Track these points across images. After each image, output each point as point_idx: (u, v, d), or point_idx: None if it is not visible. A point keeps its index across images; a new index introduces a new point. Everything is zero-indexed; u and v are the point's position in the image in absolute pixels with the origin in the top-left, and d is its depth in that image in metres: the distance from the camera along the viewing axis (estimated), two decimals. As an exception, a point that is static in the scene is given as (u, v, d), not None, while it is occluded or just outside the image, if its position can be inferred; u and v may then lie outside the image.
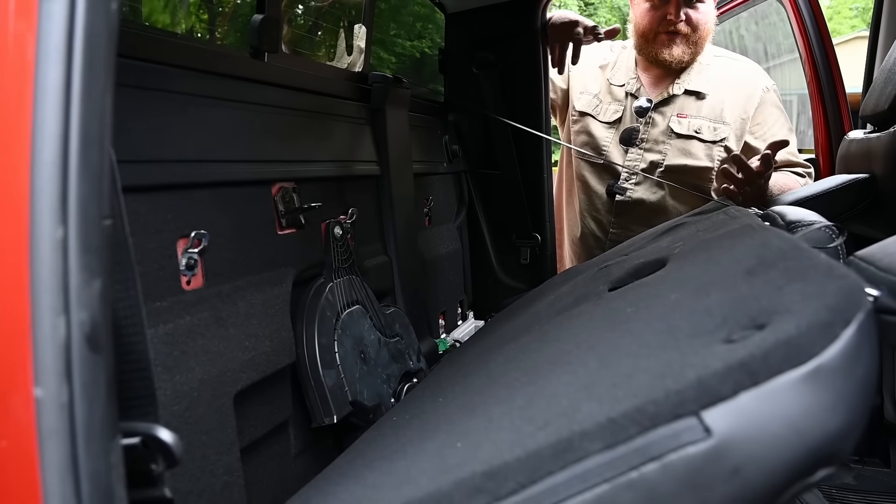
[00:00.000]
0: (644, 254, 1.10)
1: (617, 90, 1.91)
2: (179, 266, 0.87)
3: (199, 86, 0.93)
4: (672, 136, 1.81)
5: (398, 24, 8.60)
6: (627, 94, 1.88)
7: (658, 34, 1.78)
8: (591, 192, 1.93)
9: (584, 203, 1.97)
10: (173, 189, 0.86)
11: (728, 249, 0.79)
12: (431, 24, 9.01)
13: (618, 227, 1.90)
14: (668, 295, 0.74)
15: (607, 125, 1.90)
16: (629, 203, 1.86)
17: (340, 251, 1.26)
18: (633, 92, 1.88)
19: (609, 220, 1.91)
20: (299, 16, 3.79)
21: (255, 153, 1.03)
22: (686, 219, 1.37)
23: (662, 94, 1.84)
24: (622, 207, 1.87)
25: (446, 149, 1.91)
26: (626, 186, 1.86)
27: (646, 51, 1.84)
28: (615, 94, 1.91)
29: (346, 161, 1.33)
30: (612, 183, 1.88)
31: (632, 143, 1.85)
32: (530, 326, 1.08)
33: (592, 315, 0.86)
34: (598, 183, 1.93)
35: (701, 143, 1.78)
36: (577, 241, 2.01)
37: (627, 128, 1.86)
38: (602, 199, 1.92)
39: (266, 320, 0.99)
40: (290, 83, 1.17)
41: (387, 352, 1.33)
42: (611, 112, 1.91)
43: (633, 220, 1.87)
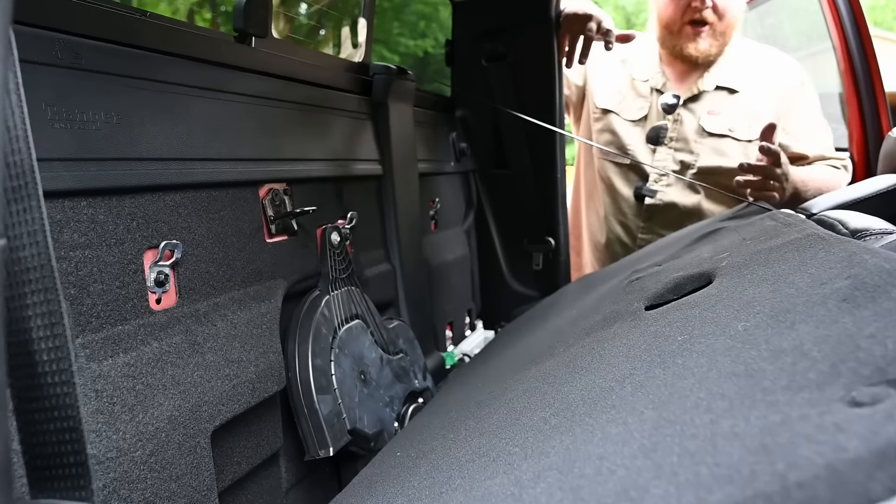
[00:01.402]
0: (681, 265, 0.97)
1: (641, 85, 1.78)
2: (147, 282, 0.75)
3: (172, 72, 0.81)
4: (704, 134, 1.68)
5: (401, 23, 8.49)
6: (652, 89, 1.75)
7: (683, 25, 1.65)
8: (617, 195, 1.80)
9: (610, 207, 1.84)
10: (139, 192, 0.74)
11: (799, 266, 0.66)
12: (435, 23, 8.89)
13: (647, 232, 1.77)
14: (731, 322, 0.61)
15: (632, 123, 1.77)
16: (659, 206, 1.73)
17: (338, 260, 1.13)
18: (658, 87, 1.75)
19: (637, 225, 1.78)
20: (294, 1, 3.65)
21: (239, 150, 0.91)
22: (723, 223, 1.24)
23: (691, 89, 1.70)
24: (652, 211, 1.74)
25: (453, 147, 1.78)
26: (656, 188, 1.72)
27: (669, 44, 1.70)
28: (639, 90, 1.78)
29: (344, 160, 1.20)
30: (640, 185, 1.75)
31: (660, 143, 1.72)
32: (552, 347, 0.95)
33: (631, 340, 0.73)
34: (624, 185, 1.79)
35: (735, 142, 1.65)
36: (602, 247, 1.88)
37: (655, 126, 1.73)
38: (629, 203, 1.79)
39: (251, 342, 0.87)
40: (281, 72, 1.04)
41: (389, 371, 1.20)
42: (635, 109, 1.78)
43: (663, 224, 1.74)
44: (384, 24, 8.30)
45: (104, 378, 0.65)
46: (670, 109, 1.69)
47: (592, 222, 1.92)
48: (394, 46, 8.60)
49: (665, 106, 1.70)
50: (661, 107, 1.71)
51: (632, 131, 1.77)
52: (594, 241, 1.92)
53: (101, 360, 0.65)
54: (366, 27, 1.36)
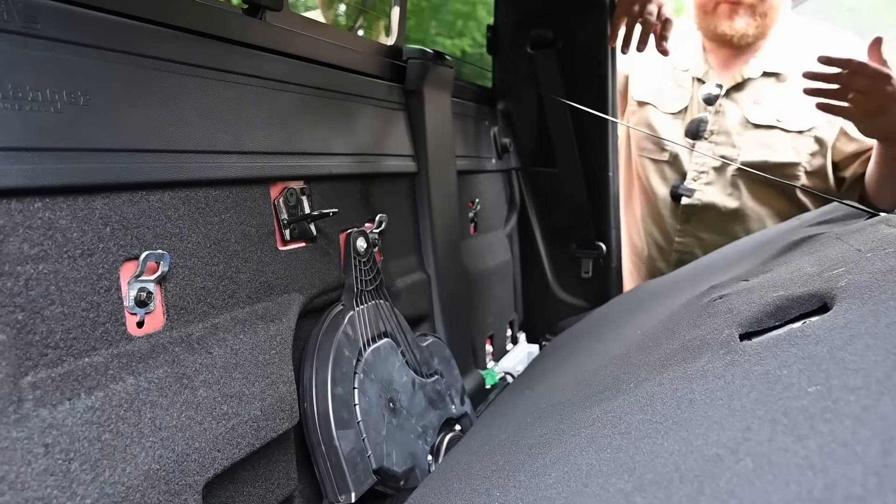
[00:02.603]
0: (778, 280, 0.79)
1: (681, 75, 1.60)
2: (125, 302, 0.61)
3: (163, 46, 0.67)
4: (748, 126, 1.49)
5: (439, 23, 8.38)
6: (694, 79, 1.57)
7: (718, 4, 1.48)
8: (654, 195, 1.63)
9: (646, 207, 1.67)
10: (115, 191, 0.60)
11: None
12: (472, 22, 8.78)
13: (684, 235, 1.59)
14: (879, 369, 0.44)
15: (671, 116, 1.59)
16: (697, 207, 1.56)
17: (364, 269, 0.99)
18: (700, 76, 1.57)
19: (674, 227, 1.61)
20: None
21: (246, 142, 0.76)
22: (813, 228, 1.05)
23: (735, 77, 1.52)
24: (690, 212, 1.57)
25: (495, 142, 1.62)
26: (694, 187, 1.55)
27: (704, 25, 1.54)
28: (679, 80, 1.61)
29: (372, 154, 1.05)
30: (677, 183, 1.58)
31: (699, 136, 1.54)
32: (618, 379, 0.79)
33: (730, 384, 0.57)
34: (660, 183, 1.62)
35: (784, 133, 1.46)
36: (639, 251, 1.71)
37: (695, 118, 1.56)
38: (665, 203, 1.61)
39: (257, 372, 0.72)
40: (298, 52, 0.90)
41: (423, 396, 1.05)
42: (675, 100, 1.60)
43: (702, 226, 1.57)
44: (422, 24, 8.21)
45: (58, 427, 0.51)
46: (711, 100, 1.52)
47: (630, 225, 1.76)
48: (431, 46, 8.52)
49: (706, 97, 1.53)
50: (702, 98, 1.53)
51: (670, 125, 1.59)
52: (631, 246, 1.76)
53: (55, 404, 0.51)
54: (399, 6, 1.21)
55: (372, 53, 1.12)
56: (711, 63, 1.59)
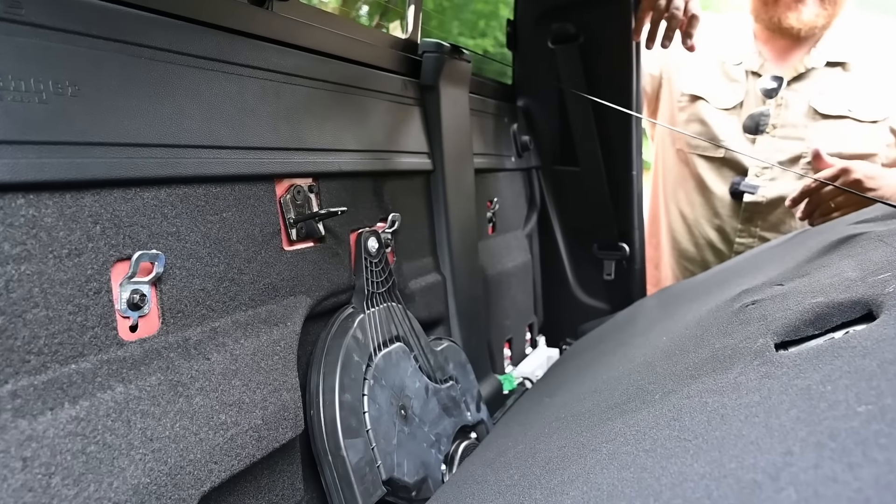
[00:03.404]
0: (816, 286, 0.74)
1: (733, 69, 1.53)
2: (116, 304, 0.57)
3: (160, 35, 0.63)
4: (817, 117, 1.42)
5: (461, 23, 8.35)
6: (748, 72, 1.50)
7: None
8: (710, 194, 1.56)
9: (701, 208, 1.59)
10: (106, 187, 0.56)
11: None
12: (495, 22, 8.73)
13: (746, 236, 1.52)
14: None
15: (725, 111, 1.52)
16: (762, 205, 1.48)
17: (376, 271, 0.95)
18: (754, 69, 1.50)
19: (734, 228, 1.53)
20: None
21: (250, 137, 0.73)
22: (853, 226, 0.99)
23: (796, 68, 1.45)
24: (752, 210, 1.49)
25: (514, 140, 1.57)
26: (758, 183, 1.47)
27: (765, 16, 1.46)
28: (731, 74, 1.54)
29: (385, 151, 1.01)
30: (737, 180, 1.50)
31: (759, 131, 1.47)
32: (643, 389, 0.74)
33: (767, 399, 0.51)
34: (718, 181, 1.55)
35: (856, 123, 1.39)
36: (691, 256, 1.64)
37: (753, 113, 1.48)
38: (724, 202, 1.54)
39: (259, 378, 0.69)
40: (308, 44, 0.86)
41: (437, 402, 1.00)
42: (728, 95, 1.53)
43: (767, 226, 1.49)
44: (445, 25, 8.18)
45: (38, 439, 0.47)
46: (772, 93, 1.45)
47: (676, 228, 1.68)
48: (453, 45, 8.52)
49: (766, 91, 1.45)
50: (761, 91, 1.46)
51: (725, 121, 1.52)
52: (678, 250, 1.68)
53: (35, 414, 0.48)
54: None
55: (386, 47, 1.08)
56: (766, 55, 1.51)
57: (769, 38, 1.50)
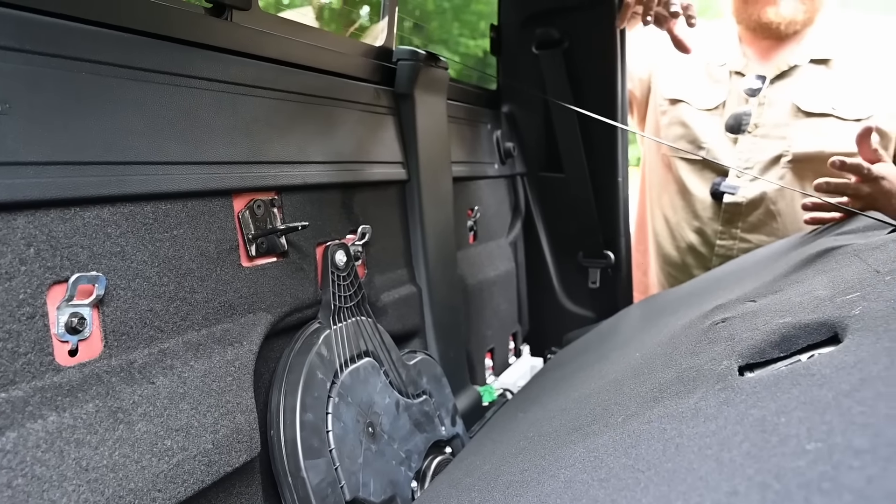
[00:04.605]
0: (786, 304, 0.72)
1: (717, 70, 1.51)
2: (53, 329, 0.55)
3: (106, 50, 0.61)
4: (800, 115, 1.39)
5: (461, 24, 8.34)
6: (731, 72, 1.48)
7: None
8: (691, 196, 1.53)
9: (682, 210, 1.57)
10: (41, 208, 0.55)
11: None
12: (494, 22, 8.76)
13: (727, 238, 1.49)
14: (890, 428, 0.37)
15: (707, 112, 1.50)
16: (742, 206, 1.46)
17: (344, 284, 0.93)
18: (738, 70, 1.48)
19: (715, 230, 1.51)
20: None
21: (205, 151, 0.71)
22: (834, 238, 0.97)
23: (779, 66, 1.43)
24: (732, 212, 1.47)
25: (498, 147, 1.55)
26: (738, 184, 1.45)
27: (746, 14, 1.44)
28: (714, 75, 1.52)
29: (356, 162, 0.99)
30: (717, 181, 1.48)
31: (741, 130, 1.45)
32: (607, 410, 0.72)
33: (723, 430, 0.49)
34: (698, 183, 1.52)
35: (840, 121, 1.36)
36: (673, 260, 1.61)
37: (736, 112, 1.46)
38: (705, 204, 1.51)
39: (209, 401, 0.67)
40: (271, 54, 0.84)
41: (408, 418, 0.98)
42: (710, 96, 1.51)
43: (746, 227, 1.46)
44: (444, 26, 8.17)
45: None
46: (755, 92, 1.43)
47: (660, 232, 1.66)
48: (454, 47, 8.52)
49: (749, 90, 1.43)
50: (744, 90, 1.44)
51: (707, 121, 1.50)
52: (662, 254, 1.65)
53: (-45, 447, 0.46)
54: (388, 5, 1.15)
55: (358, 55, 1.06)
56: (750, 55, 1.49)
57: (752, 38, 1.48)
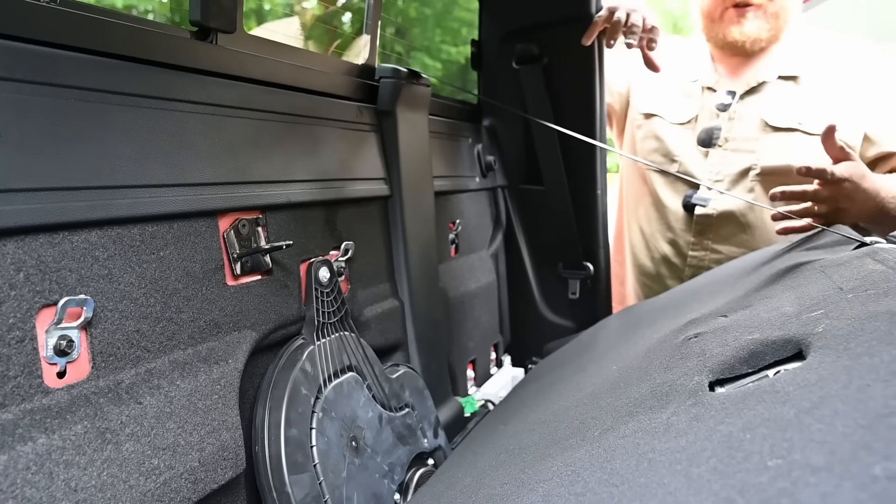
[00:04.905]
0: (755, 320, 0.75)
1: (690, 86, 1.55)
2: (42, 352, 0.56)
3: (94, 77, 0.63)
4: (768, 129, 1.43)
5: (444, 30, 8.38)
6: (703, 88, 1.53)
7: (725, 9, 1.43)
8: (664, 208, 1.57)
9: (656, 222, 1.60)
10: (31, 233, 0.56)
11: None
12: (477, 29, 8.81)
13: (699, 249, 1.53)
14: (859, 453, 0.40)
15: (680, 126, 1.54)
16: (713, 218, 1.49)
17: (328, 300, 0.94)
18: (709, 85, 1.52)
19: (687, 241, 1.54)
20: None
21: (190, 173, 0.72)
22: (802, 253, 1.00)
23: (748, 82, 1.47)
24: (704, 223, 1.50)
25: (479, 160, 1.58)
26: (708, 196, 1.49)
27: (713, 33, 1.49)
28: (688, 90, 1.56)
29: (339, 180, 1.01)
30: (689, 194, 1.51)
31: (712, 144, 1.49)
32: (584, 424, 0.74)
33: (692, 445, 0.52)
34: (671, 195, 1.56)
35: (806, 136, 1.41)
36: (648, 270, 1.65)
37: (707, 126, 1.50)
38: (677, 216, 1.55)
39: (196, 419, 0.68)
40: (256, 75, 0.86)
41: (391, 431, 1.00)
42: (683, 110, 1.55)
43: (717, 238, 1.50)
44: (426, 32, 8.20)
45: None
46: (725, 107, 1.47)
47: (636, 243, 1.69)
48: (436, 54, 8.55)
49: (719, 105, 1.48)
50: (715, 105, 1.49)
51: (680, 135, 1.54)
52: (638, 266, 1.68)
53: (-54, 471, 0.47)
54: (370, 23, 1.17)
55: (341, 74, 1.08)
56: (721, 71, 1.53)
57: (723, 55, 1.52)
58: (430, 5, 7.84)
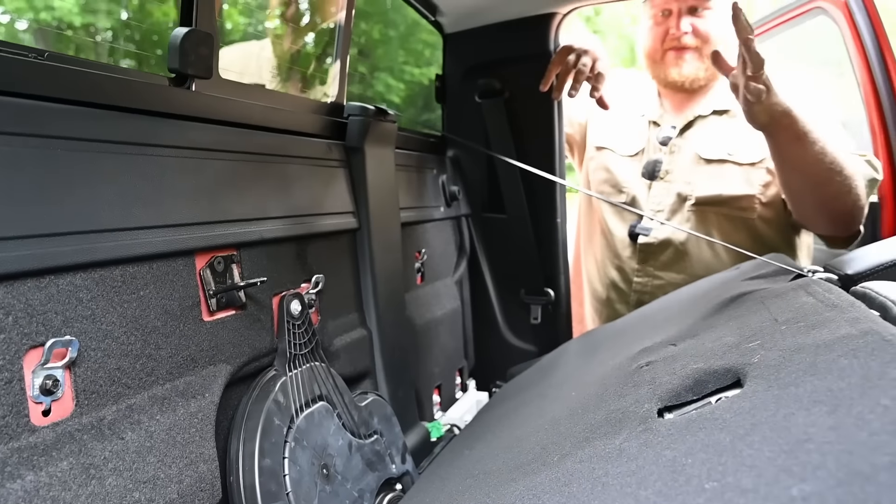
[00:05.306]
0: (701, 349, 0.81)
1: (638, 120, 1.64)
2: (29, 391, 0.59)
3: (76, 125, 0.66)
4: (701, 162, 1.53)
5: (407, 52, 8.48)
6: (649, 122, 1.62)
7: (665, 52, 1.53)
8: (612, 237, 1.65)
9: (606, 250, 1.68)
10: (20, 278, 0.58)
11: (864, 389, 0.50)
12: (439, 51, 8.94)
13: (643, 275, 1.61)
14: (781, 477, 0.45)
15: (629, 158, 1.63)
16: (654, 246, 1.58)
17: (299, 332, 0.98)
18: (655, 120, 1.61)
19: (632, 268, 1.62)
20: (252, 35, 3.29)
21: (169, 215, 0.76)
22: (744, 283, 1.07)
23: (686, 117, 1.57)
24: (646, 251, 1.59)
25: (444, 190, 1.63)
26: (651, 226, 1.57)
27: (655, 73, 1.59)
28: (636, 125, 1.65)
29: (310, 215, 1.05)
30: (634, 223, 1.60)
31: (655, 176, 1.58)
32: (545, 449, 0.79)
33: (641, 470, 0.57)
34: (619, 224, 1.64)
35: (736, 166, 1.50)
36: (599, 295, 1.72)
37: (650, 160, 1.59)
38: (624, 243, 1.63)
39: (175, 453, 0.71)
40: (231, 118, 0.89)
41: (360, 458, 1.03)
42: (631, 144, 1.64)
43: (659, 265, 1.58)
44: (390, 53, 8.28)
45: None
46: (666, 141, 1.57)
47: (590, 269, 1.77)
48: (399, 75, 8.62)
49: (661, 139, 1.57)
50: (659, 140, 1.58)
51: (628, 167, 1.63)
52: (592, 290, 1.76)
53: (-60, 510, 0.49)
54: (339, 62, 1.22)
55: (311, 112, 1.12)
56: (666, 107, 1.63)
57: (667, 92, 1.62)
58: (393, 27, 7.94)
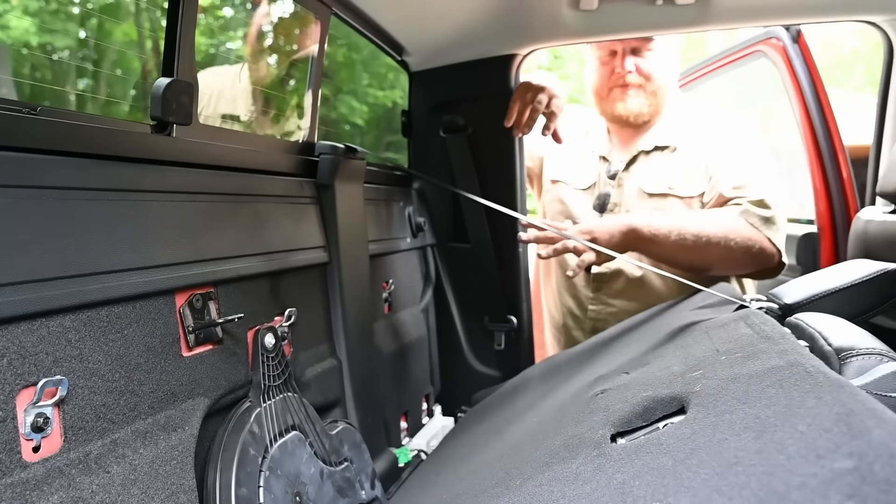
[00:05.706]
0: (650, 378, 0.87)
1: (590, 155, 1.73)
2: (21, 429, 0.62)
3: (64, 174, 0.70)
4: (644, 196, 1.62)
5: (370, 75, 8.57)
6: (600, 157, 1.71)
7: (611, 89, 1.63)
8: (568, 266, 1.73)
9: (561, 279, 1.76)
10: (13, 322, 0.62)
11: (786, 416, 0.56)
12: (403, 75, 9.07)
13: (597, 303, 1.69)
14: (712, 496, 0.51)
15: (581, 191, 1.71)
16: (607, 275, 1.66)
17: (273, 364, 1.02)
18: (605, 155, 1.70)
19: (587, 296, 1.70)
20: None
21: (151, 256, 0.80)
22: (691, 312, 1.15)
23: (631, 152, 1.66)
24: (600, 280, 1.67)
25: (410, 221, 1.69)
26: None
27: (603, 108, 1.69)
28: (588, 159, 1.73)
29: (283, 251, 1.09)
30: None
31: (605, 209, 1.66)
32: (508, 474, 0.84)
33: (594, 492, 0.63)
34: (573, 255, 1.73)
35: (677, 199, 1.60)
36: (557, 322, 1.79)
37: (601, 193, 1.68)
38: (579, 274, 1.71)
39: (157, 485, 0.74)
40: (209, 161, 0.94)
41: (331, 485, 1.07)
42: (584, 177, 1.73)
43: (612, 293, 1.66)
44: (353, 76, 8.34)
45: None
46: (614, 175, 1.66)
47: (549, 297, 1.84)
48: (363, 97, 8.69)
49: (609, 174, 1.66)
50: (607, 175, 1.67)
51: (581, 199, 1.71)
52: (551, 317, 1.84)
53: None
54: (311, 103, 1.27)
55: (284, 152, 1.17)
56: (615, 142, 1.72)
57: (614, 127, 1.72)
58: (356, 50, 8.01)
